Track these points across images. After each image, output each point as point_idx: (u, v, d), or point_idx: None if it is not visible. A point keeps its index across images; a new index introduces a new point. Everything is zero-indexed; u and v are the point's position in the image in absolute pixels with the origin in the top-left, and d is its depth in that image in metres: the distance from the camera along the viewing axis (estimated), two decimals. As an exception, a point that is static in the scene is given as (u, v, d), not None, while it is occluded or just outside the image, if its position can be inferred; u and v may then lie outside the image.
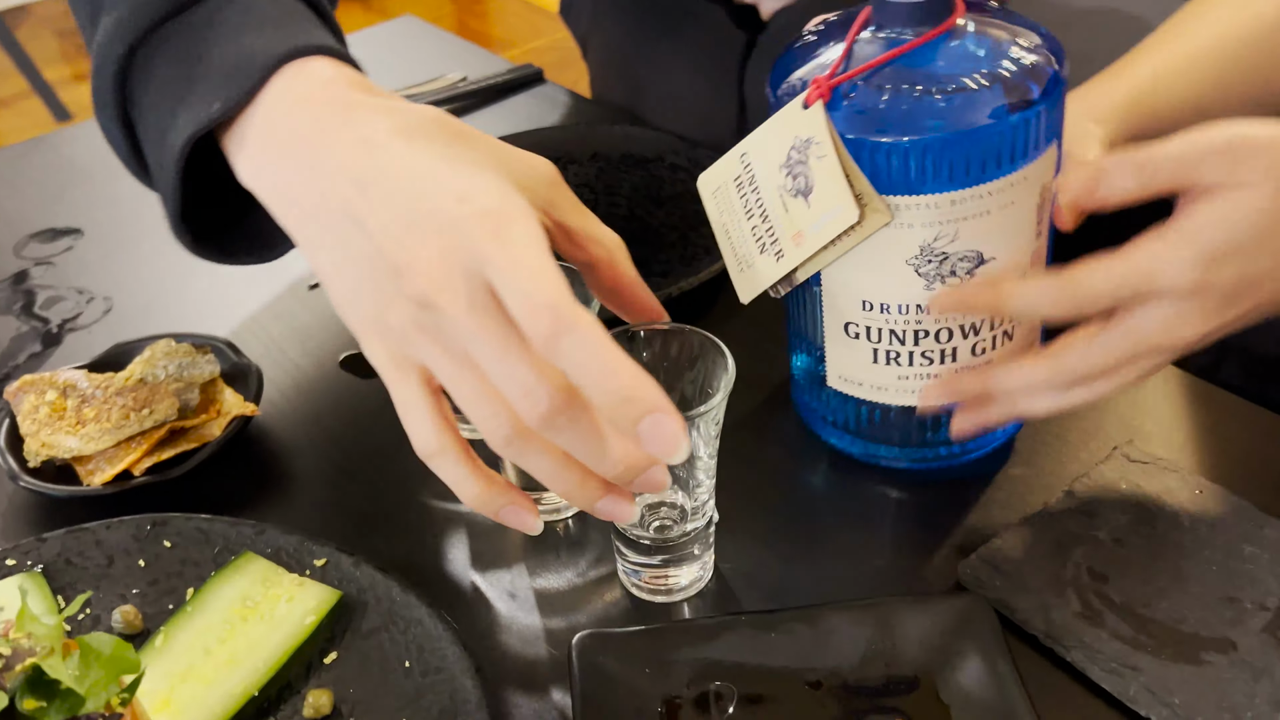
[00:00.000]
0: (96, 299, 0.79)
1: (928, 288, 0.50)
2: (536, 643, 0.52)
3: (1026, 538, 0.54)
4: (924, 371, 0.53)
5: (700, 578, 0.54)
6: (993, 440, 0.58)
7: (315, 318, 0.75)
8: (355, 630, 0.51)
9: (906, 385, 0.54)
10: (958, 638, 0.48)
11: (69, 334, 0.75)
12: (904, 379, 0.54)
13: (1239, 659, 0.47)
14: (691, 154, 0.84)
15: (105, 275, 0.81)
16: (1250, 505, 0.54)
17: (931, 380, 0.53)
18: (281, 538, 0.55)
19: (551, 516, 0.58)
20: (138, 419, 0.60)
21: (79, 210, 0.89)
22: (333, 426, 0.65)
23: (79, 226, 0.87)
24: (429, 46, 1.14)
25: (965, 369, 0.53)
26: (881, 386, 0.55)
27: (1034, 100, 0.47)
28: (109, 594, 0.54)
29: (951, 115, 0.46)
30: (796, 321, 0.57)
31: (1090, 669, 0.48)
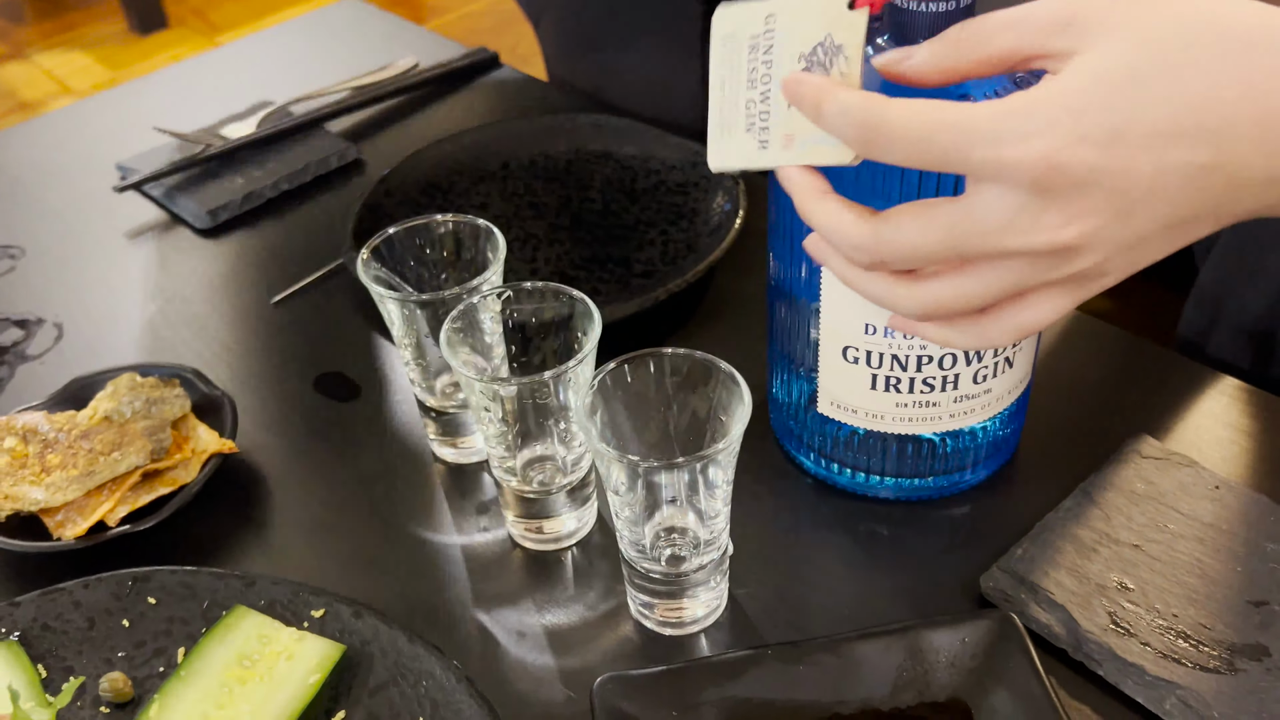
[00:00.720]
0: (45, 324, 0.74)
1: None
2: (552, 685, 0.50)
3: (1046, 545, 0.52)
4: (923, 399, 0.51)
5: (716, 608, 0.52)
6: (983, 471, 0.57)
7: (283, 335, 0.71)
8: (362, 686, 0.49)
9: (904, 413, 0.52)
10: (989, 659, 0.47)
11: (20, 366, 0.71)
12: (902, 406, 0.52)
13: (1274, 665, 0.47)
14: (663, 142, 0.82)
15: (52, 298, 0.77)
16: (1269, 500, 0.53)
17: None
18: (274, 588, 0.52)
19: (554, 546, 0.56)
20: (108, 464, 0.56)
21: (17, 226, 0.84)
22: (313, 457, 0.62)
23: (19, 244, 0.82)
24: (375, 31, 1.10)
25: (967, 397, 0.52)
26: (878, 414, 0.53)
27: None
28: (93, 659, 0.51)
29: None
30: (785, 343, 0.55)
31: (1124, 683, 0.47)
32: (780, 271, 0.53)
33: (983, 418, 0.53)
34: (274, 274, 0.77)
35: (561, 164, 0.83)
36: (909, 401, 0.52)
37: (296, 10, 2.94)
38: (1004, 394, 0.53)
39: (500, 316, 0.55)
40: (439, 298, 0.54)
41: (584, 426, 0.46)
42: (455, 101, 0.96)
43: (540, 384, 0.49)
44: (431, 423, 0.61)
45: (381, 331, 0.71)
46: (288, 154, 0.88)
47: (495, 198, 0.81)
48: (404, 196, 0.80)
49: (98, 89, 2.38)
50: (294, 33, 1.11)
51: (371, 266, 0.57)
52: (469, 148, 0.84)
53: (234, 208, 0.83)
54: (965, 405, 0.52)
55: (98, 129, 0.96)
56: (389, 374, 0.67)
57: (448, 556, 0.56)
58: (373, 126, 0.93)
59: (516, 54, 2.71)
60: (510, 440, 0.52)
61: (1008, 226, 0.35)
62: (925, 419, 0.52)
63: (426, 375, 0.59)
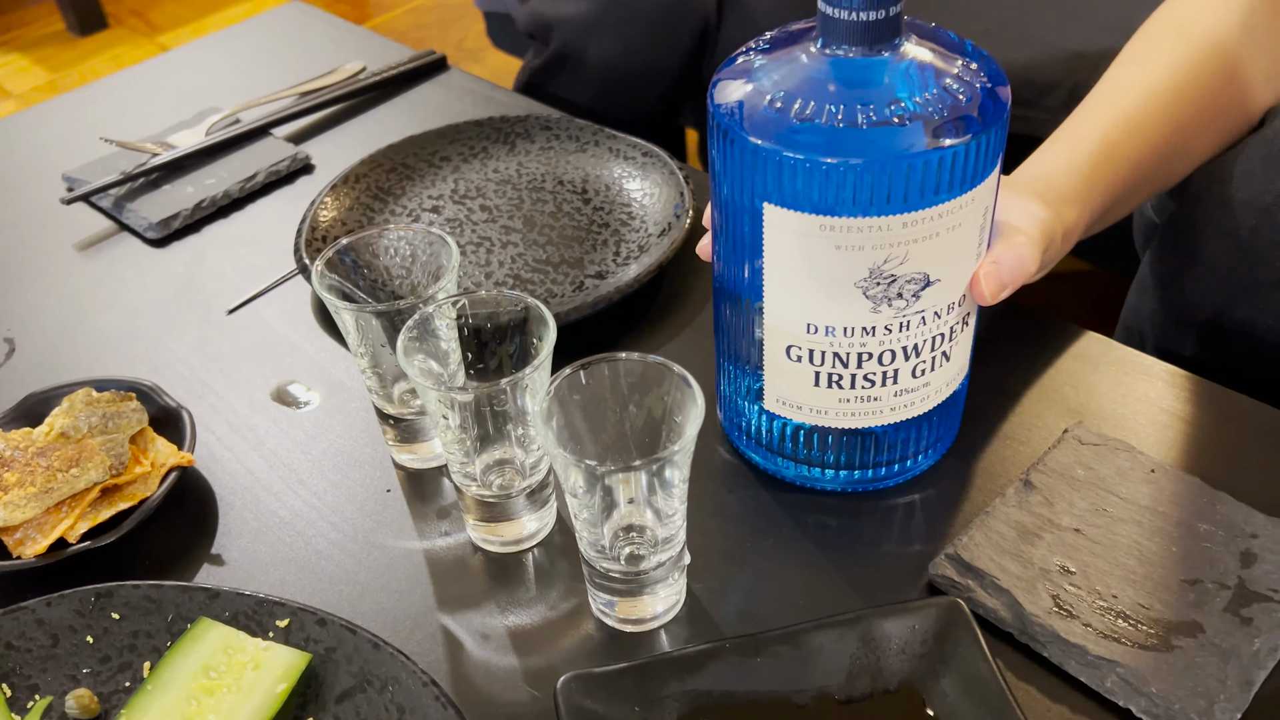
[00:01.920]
0: (-4, 340, 0.74)
1: (874, 310, 0.50)
2: (517, 686, 0.51)
3: (990, 533, 0.54)
4: (865, 394, 0.53)
5: (675, 604, 0.53)
6: (925, 461, 0.59)
7: (237, 346, 0.72)
8: (329, 694, 0.49)
9: (847, 408, 0.54)
10: (939, 644, 0.49)
11: (-29, 382, 0.71)
12: (845, 401, 0.54)
13: (1207, 641, 0.49)
14: (615, 143, 0.83)
15: (2, 313, 0.76)
16: (1201, 482, 0.56)
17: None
18: (238, 599, 0.52)
19: (515, 548, 0.57)
20: (66, 481, 0.57)
21: (-37, 240, 0.84)
22: (273, 466, 0.63)
23: (-35, 259, 0.82)
24: (321, 34, 1.10)
25: (906, 391, 0.54)
26: (822, 410, 0.54)
27: (983, 125, 0.47)
28: (58, 677, 0.51)
29: (905, 139, 0.46)
30: (731, 343, 0.56)
31: (1067, 663, 0.49)
32: (724, 271, 0.54)
33: (923, 409, 0.55)
34: (227, 283, 0.77)
35: (513, 166, 0.84)
36: (851, 397, 0.53)
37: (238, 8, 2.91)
38: (942, 386, 0.55)
39: (455, 323, 0.55)
40: (394, 307, 0.54)
41: (541, 432, 0.47)
42: (404, 104, 0.96)
43: (498, 390, 0.50)
44: (389, 429, 0.61)
45: (337, 339, 0.71)
46: (237, 161, 0.88)
47: (447, 201, 0.81)
48: (355, 201, 0.80)
49: (37, 91, 2.34)
50: (239, 38, 1.10)
51: (327, 277, 0.57)
52: (419, 151, 0.85)
53: (184, 217, 0.83)
54: (905, 399, 0.54)
55: (42, 139, 0.95)
56: (346, 381, 0.68)
57: (410, 562, 0.57)
58: (322, 131, 0.93)
59: (464, 48, 2.70)
60: (469, 446, 0.53)
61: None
62: (868, 413, 0.54)
63: (383, 383, 0.59)
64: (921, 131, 0.46)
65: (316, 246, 0.75)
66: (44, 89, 2.37)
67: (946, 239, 0.48)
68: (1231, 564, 0.52)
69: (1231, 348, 0.70)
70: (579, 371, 0.49)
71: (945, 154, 0.46)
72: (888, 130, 0.46)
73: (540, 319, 0.53)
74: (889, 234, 0.47)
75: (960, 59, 0.49)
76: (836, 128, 0.46)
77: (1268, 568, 0.51)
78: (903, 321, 0.51)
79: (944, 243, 0.49)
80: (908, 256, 0.48)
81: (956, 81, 0.47)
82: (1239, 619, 0.50)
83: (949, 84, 0.47)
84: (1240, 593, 0.51)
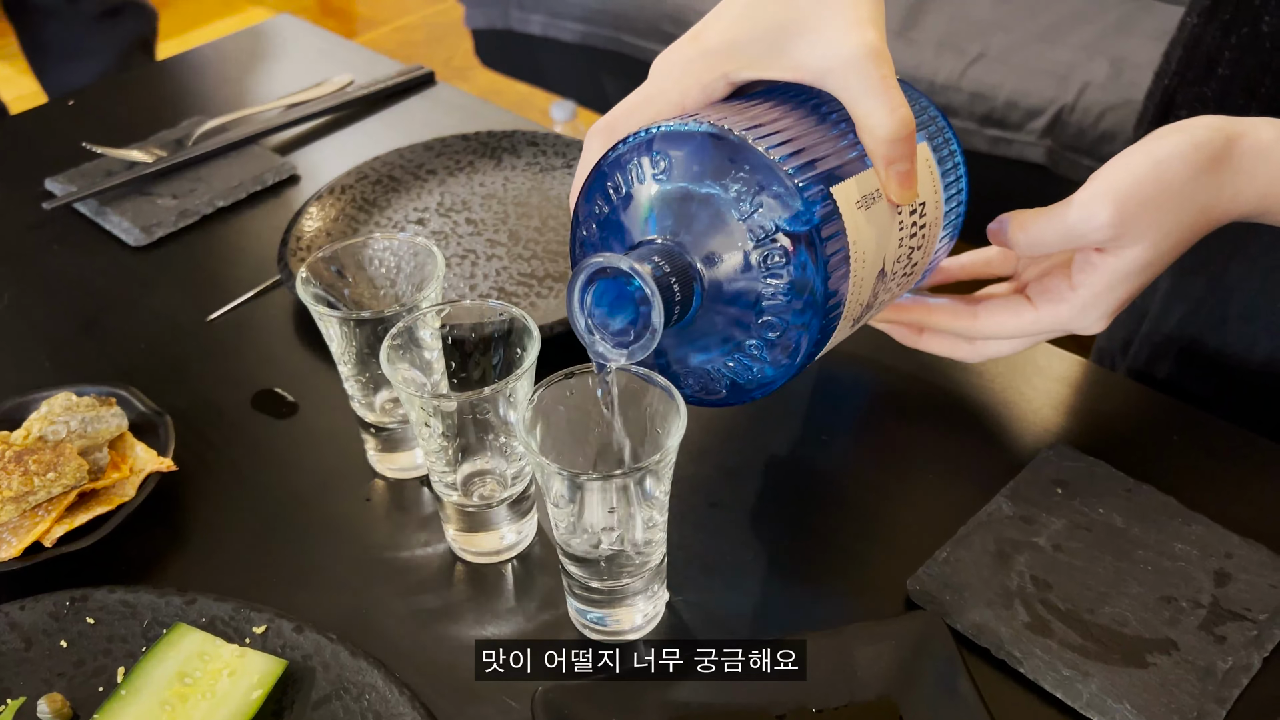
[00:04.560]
0: (-25, 344, 0.74)
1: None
2: (495, 697, 0.51)
3: (969, 549, 0.55)
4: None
5: (654, 616, 0.53)
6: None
7: (219, 352, 0.72)
8: (305, 701, 0.49)
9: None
10: (917, 659, 0.49)
11: (-51, 386, 0.70)
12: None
13: (1182, 659, 0.49)
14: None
15: (-18, 317, 0.76)
16: (1177, 502, 0.56)
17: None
18: (215, 606, 0.52)
19: (495, 558, 0.57)
20: (43, 484, 0.56)
21: (-56, 244, 0.83)
22: (252, 474, 0.63)
23: (-54, 262, 0.81)
24: (308, 47, 1.10)
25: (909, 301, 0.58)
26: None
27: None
28: (31, 680, 0.51)
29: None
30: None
31: (1043, 679, 0.49)
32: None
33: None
34: (210, 291, 0.77)
35: (499, 181, 0.84)
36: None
37: (228, 20, 2.91)
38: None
39: (440, 333, 0.55)
40: (379, 316, 0.54)
41: (524, 441, 0.47)
42: (391, 118, 0.97)
43: (481, 399, 0.50)
44: (371, 438, 0.61)
45: (319, 348, 0.71)
46: (223, 171, 0.88)
47: (432, 214, 0.81)
48: (340, 212, 0.80)
49: (21, 100, 2.33)
50: (228, 49, 1.10)
51: (311, 285, 0.57)
52: (405, 164, 0.85)
53: (169, 225, 0.83)
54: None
55: (28, 146, 0.95)
56: (326, 390, 0.68)
57: (389, 571, 0.57)
58: (308, 143, 0.94)
59: (451, 66, 2.71)
60: (451, 455, 0.53)
61: (1076, 330, 0.55)
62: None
63: (366, 391, 0.59)
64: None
65: (300, 256, 0.75)
66: (28, 97, 2.36)
67: None
68: (1206, 583, 0.52)
69: (1204, 375, 0.70)
70: (561, 382, 0.49)
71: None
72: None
73: (524, 330, 0.53)
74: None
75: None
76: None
77: (1241, 587, 0.52)
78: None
79: None
80: None
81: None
82: (1213, 637, 0.50)
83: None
84: (1214, 611, 0.51)
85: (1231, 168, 0.50)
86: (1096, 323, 0.54)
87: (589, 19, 1.91)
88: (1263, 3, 0.62)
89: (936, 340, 0.60)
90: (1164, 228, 0.50)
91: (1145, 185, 0.50)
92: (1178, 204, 0.50)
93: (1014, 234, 0.53)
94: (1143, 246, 0.51)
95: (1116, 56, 1.52)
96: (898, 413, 0.65)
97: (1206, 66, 0.67)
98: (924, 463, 0.61)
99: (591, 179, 0.49)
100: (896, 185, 0.49)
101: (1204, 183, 0.50)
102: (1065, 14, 1.65)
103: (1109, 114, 1.45)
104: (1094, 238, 0.51)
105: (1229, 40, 0.66)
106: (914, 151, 0.49)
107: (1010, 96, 1.53)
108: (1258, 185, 0.50)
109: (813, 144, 0.47)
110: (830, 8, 0.49)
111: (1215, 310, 0.68)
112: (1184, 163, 0.49)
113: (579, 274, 0.45)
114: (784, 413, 0.65)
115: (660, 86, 0.52)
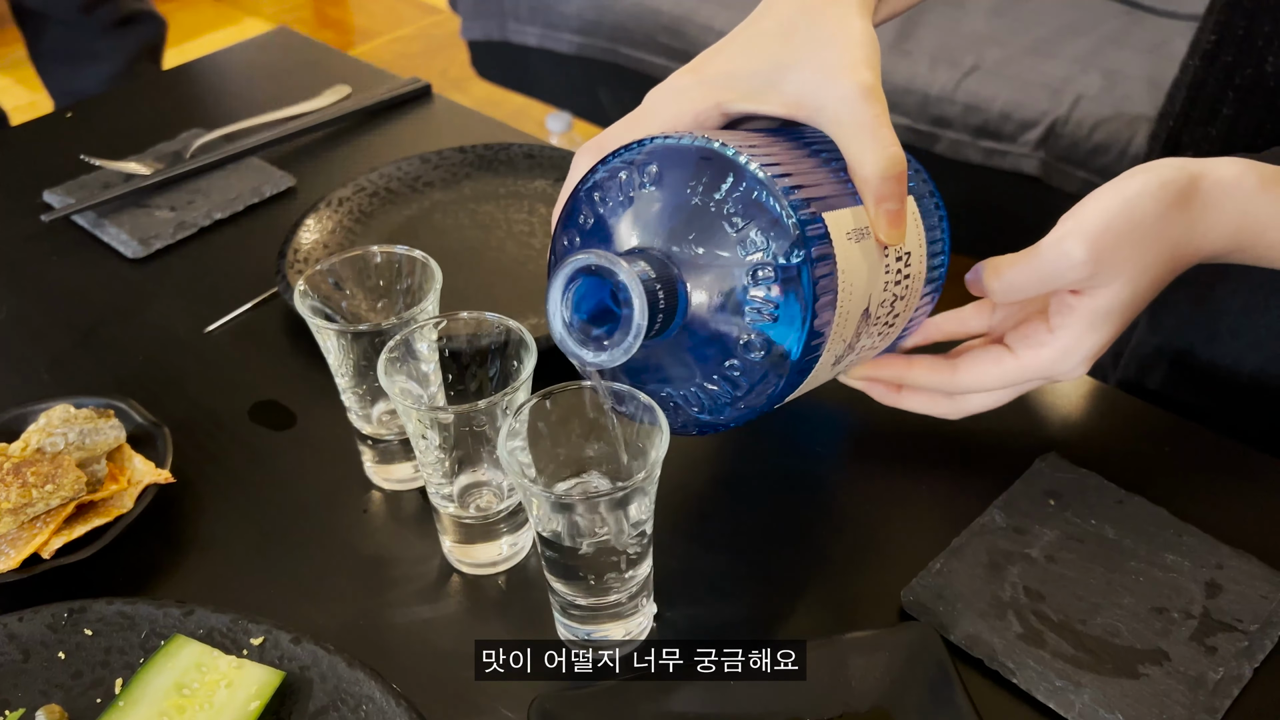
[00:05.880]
0: (-27, 355, 0.74)
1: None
2: (491, 708, 0.51)
3: (962, 560, 0.55)
4: None
5: (645, 627, 0.53)
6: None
7: (217, 364, 0.72)
8: (303, 712, 0.49)
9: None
10: (910, 670, 0.49)
11: (-53, 397, 0.71)
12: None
13: (1173, 669, 0.50)
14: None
15: (-20, 328, 0.76)
16: (1168, 513, 0.57)
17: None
18: (213, 617, 0.52)
19: (491, 570, 0.57)
20: (42, 496, 0.56)
21: (-58, 256, 0.84)
22: (250, 486, 0.63)
23: (-56, 274, 0.82)
24: (306, 60, 1.10)
25: (886, 356, 0.57)
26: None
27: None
28: (29, 692, 0.51)
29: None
30: None
31: (1036, 690, 0.50)
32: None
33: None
34: (207, 303, 0.77)
35: (496, 192, 0.85)
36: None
37: (225, 31, 2.92)
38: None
39: (436, 345, 0.56)
40: (377, 328, 0.55)
41: (506, 462, 0.47)
42: (388, 130, 0.97)
43: (478, 411, 0.51)
44: (368, 450, 0.62)
45: (316, 359, 0.71)
46: (221, 183, 0.88)
47: (429, 226, 0.82)
48: (338, 224, 0.80)
49: (19, 111, 2.34)
50: (226, 62, 1.11)
51: (309, 297, 0.58)
52: (402, 176, 0.85)
53: (166, 237, 0.83)
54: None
55: (26, 158, 0.96)
56: (324, 402, 0.68)
57: (385, 582, 0.57)
58: (306, 155, 0.94)
59: (447, 77, 2.72)
60: (447, 467, 0.54)
61: (1057, 376, 0.54)
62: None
63: (363, 403, 0.60)
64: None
65: (298, 268, 0.75)
66: (25, 108, 2.37)
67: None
68: (1197, 594, 0.53)
69: (1193, 387, 0.71)
70: (545, 399, 0.49)
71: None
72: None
73: (521, 342, 0.53)
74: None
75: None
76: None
77: (1232, 598, 0.52)
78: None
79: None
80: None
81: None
82: (1204, 648, 0.50)
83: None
84: (1205, 622, 0.51)
85: (1200, 204, 0.50)
86: (1078, 366, 0.53)
87: (585, 31, 1.91)
88: (1265, 44, 0.63)
89: (916, 397, 0.58)
90: (1139, 264, 0.50)
91: (1117, 222, 0.50)
92: (1150, 240, 0.50)
93: (989, 280, 0.52)
94: (1119, 284, 0.51)
95: (1109, 69, 1.53)
96: (891, 425, 0.65)
97: (1211, 108, 0.68)
98: (917, 474, 0.62)
99: (576, 193, 0.49)
100: (886, 224, 0.49)
101: (1174, 219, 0.50)
102: (1058, 27, 1.66)
103: (1102, 126, 1.46)
104: (1069, 277, 0.50)
105: (1232, 81, 0.66)
106: (904, 192, 0.49)
107: (1004, 109, 1.54)
108: (1227, 221, 0.51)
109: (805, 172, 0.47)
110: (828, 48, 0.50)
111: (1203, 326, 0.69)
112: (1153, 200, 0.50)
113: (562, 268, 0.44)
114: (777, 425, 0.66)
115: (654, 111, 0.52)
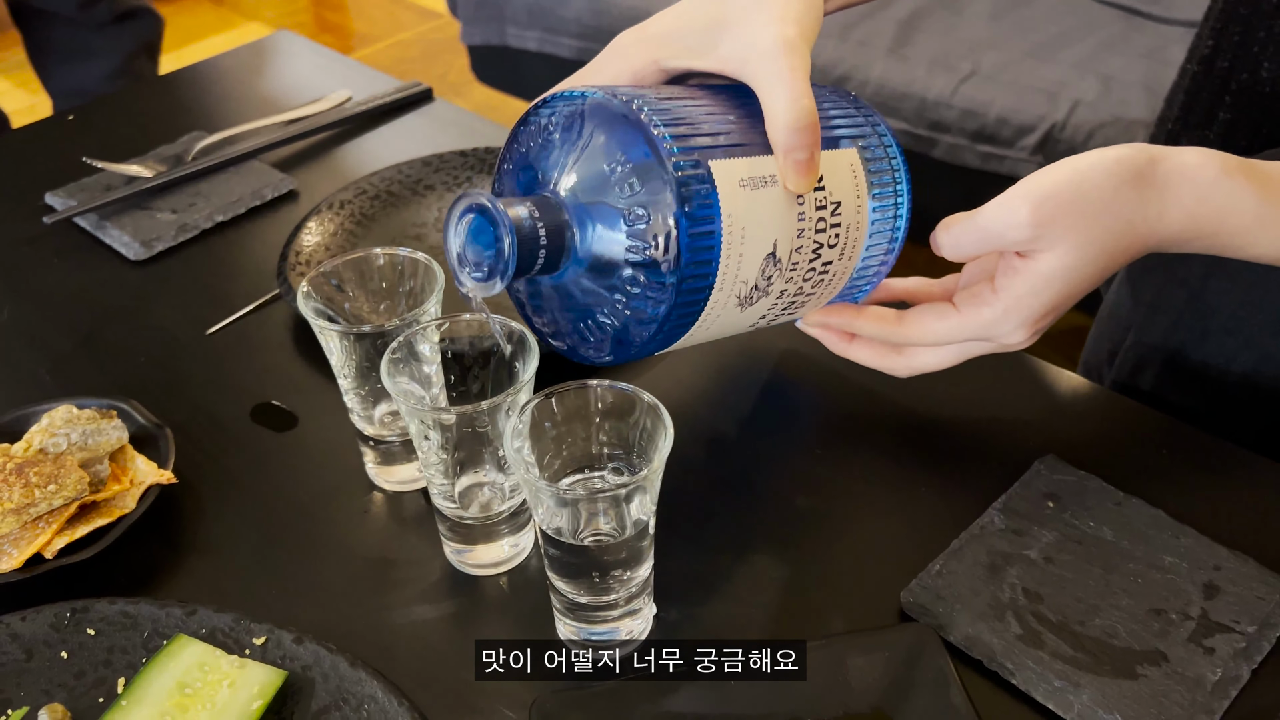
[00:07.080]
0: (-25, 357, 0.74)
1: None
2: (492, 708, 0.51)
3: (962, 561, 0.55)
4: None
5: (645, 627, 0.54)
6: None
7: (219, 366, 0.72)
8: (304, 712, 0.50)
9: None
10: (910, 670, 0.50)
11: (-51, 398, 0.71)
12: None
13: (1171, 670, 0.50)
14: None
15: (-18, 330, 0.76)
16: (1166, 515, 0.57)
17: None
18: (215, 617, 0.52)
19: (492, 571, 0.57)
20: (44, 497, 0.57)
21: (-56, 257, 0.84)
22: (252, 486, 0.63)
23: (-54, 276, 0.82)
24: (307, 63, 1.11)
25: (838, 305, 0.59)
26: None
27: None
28: (31, 691, 0.51)
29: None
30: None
31: (1035, 691, 0.50)
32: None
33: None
34: (209, 305, 0.77)
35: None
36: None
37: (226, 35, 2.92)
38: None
39: (439, 347, 0.56)
40: (379, 330, 0.55)
41: (511, 457, 0.47)
42: (389, 133, 0.98)
43: (480, 412, 0.51)
44: (369, 451, 0.62)
45: (317, 362, 0.72)
46: (222, 186, 0.88)
47: (430, 229, 0.82)
48: (339, 227, 0.81)
49: (19, 114, 2.34)
50: (228, 65, 1.11)
51: (312, 299, 0.58)
52: (403, 180, 0.86)
53: (168, 239, 0.83)
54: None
55: (28, 160, 0.96)
56: (325, 403, 0.68)
57: (387, 582, 0.57)
58: (307, 158, 0.94)
59: (447, 82, 2.72)
60: (449, 468, 0.54)
61: (997, 337, 0.55)
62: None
63: (365, 404, 0.60)
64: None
65: (300, 270, 0.75)
66: (26, 111, 2.37)
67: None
68: (1195, 595, 0.53)
69: (1187, 387, 0.71)
70: (550, 398, 0.50)
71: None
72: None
73: (523, 343, 0.53)
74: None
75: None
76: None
77: (1229, 599, 0.53)
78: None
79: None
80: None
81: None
82: (1202, 649, 0.51)
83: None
84: (1203, 623, 0.52)
85: (1156, 186, 0.51)
86: (1017, 330, 0.54)
87: (584, 35, 1.92)
88: (1260, 50, 0.64)
89: (866, 348, 0.60)
90: (1085, 234, 0.51)
91: (1063, 189, 0.51)
92: (1098, 213, 0.51)
93: (939, 234, 0.54)
94: (1062, 249, 0.51)
95: (1106, 74, 1.54)
96: (891, 426, 0.65)
97: (1207, 113, 0.69)
98: (917, 476, 0.62)
99: (512, 137, 0.53)
100: (792, 172, 0.50)
101: (1126, 196, 0.51)
102: (1056, 32, 1.66)
103: (1099, 131, 1.47)
104: (1011, 237, 0.51)
105: (1229, 86, 0.67)
106: (815, 142, 0.50)
107: (1001, 113, 1.54)
108: (1184, 205, 0.51)
109: (711, 125, 0.50)
110: (761, 8, 0.52)
111: (1197, 324, 0.69)
112: (1104, 174, 0.51)
113: (455, 205, 0.49)
114: (777, 426, 0.66)
115: (597, 68, 0.56)
